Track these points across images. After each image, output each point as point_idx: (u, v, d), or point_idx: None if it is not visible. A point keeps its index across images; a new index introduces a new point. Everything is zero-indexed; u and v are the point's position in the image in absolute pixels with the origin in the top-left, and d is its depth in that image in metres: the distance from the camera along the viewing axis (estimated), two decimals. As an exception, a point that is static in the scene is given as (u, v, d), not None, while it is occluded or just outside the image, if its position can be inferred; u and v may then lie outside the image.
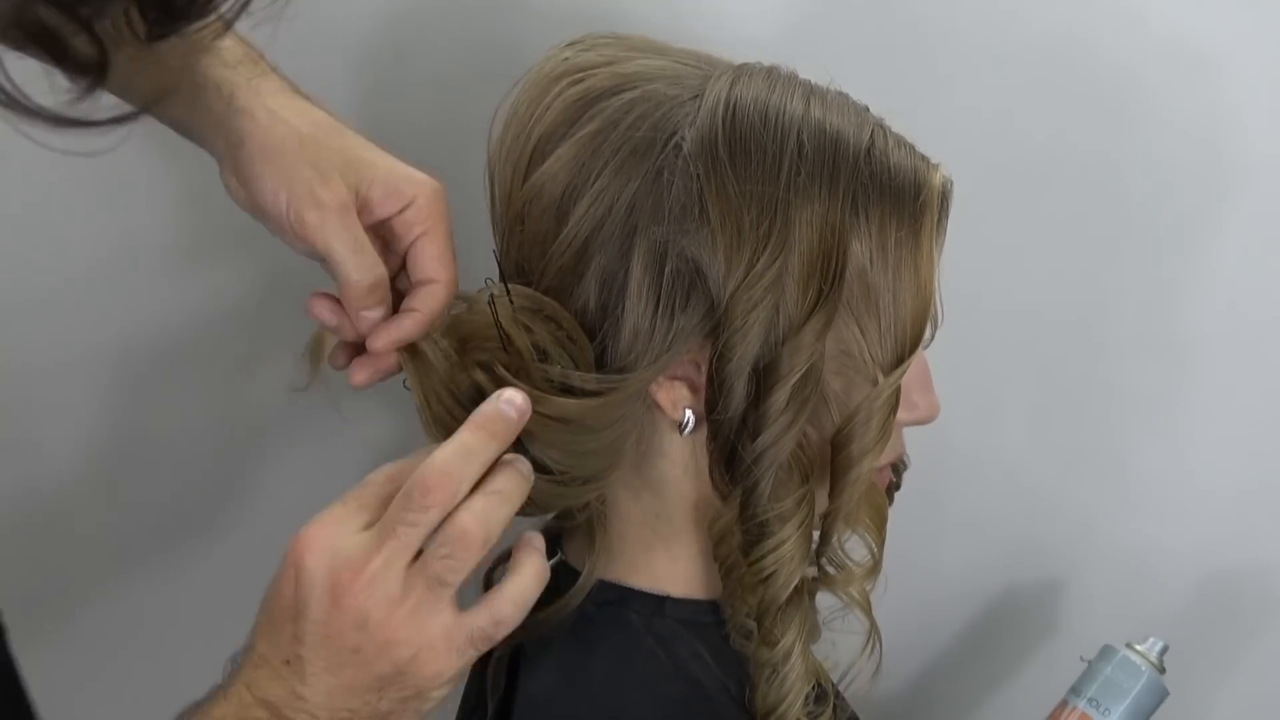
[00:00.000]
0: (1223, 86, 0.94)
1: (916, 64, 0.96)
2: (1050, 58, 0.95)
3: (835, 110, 0.68)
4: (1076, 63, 0.95)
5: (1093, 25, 0.94)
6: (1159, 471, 1.04)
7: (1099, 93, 0.96)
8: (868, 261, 0.67)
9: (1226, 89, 0.94)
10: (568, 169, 0.67)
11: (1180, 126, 0.96)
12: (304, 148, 0.66)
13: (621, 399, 0.66)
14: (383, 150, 0.69)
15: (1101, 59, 0.95)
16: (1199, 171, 0.97)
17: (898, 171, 0.68)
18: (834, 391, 0.68)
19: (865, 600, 0.72)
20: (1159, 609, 1.04)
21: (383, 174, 0.68)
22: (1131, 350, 1.02)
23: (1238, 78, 0.94)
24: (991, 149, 0.96)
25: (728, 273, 0.64)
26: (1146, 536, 1.05)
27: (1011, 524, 1.07)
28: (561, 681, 0.72)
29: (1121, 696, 0.87)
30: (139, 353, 0.98)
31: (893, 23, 0.95)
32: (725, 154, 0.65)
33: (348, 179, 0.67)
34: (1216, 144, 0.95)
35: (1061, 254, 1.00)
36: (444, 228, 0.69)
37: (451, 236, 0.69)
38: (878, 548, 0.72)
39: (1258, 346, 1.00)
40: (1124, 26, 0.94)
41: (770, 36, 0.75)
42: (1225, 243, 0.98)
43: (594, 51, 0.71)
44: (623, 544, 0.73)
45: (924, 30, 0.95)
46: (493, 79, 0.72)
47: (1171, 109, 0.95)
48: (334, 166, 0.66)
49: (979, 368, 0.99)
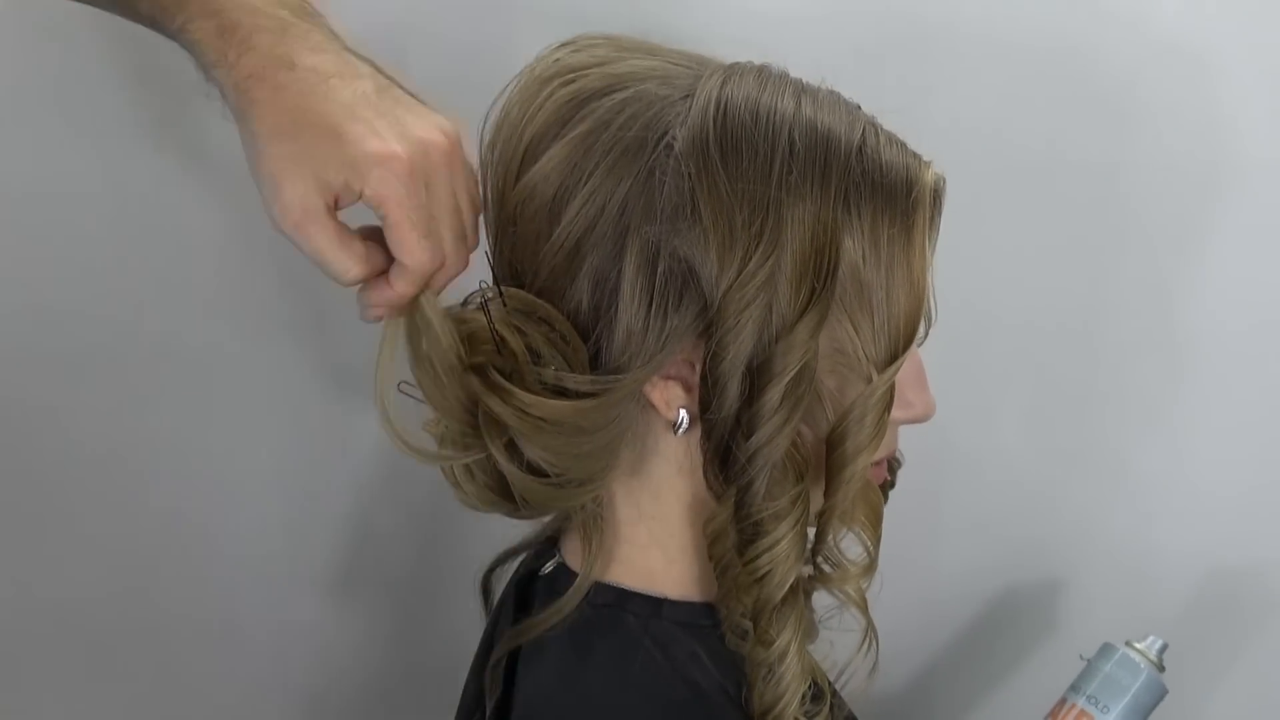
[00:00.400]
0: (1220, 89, 0.95)
1: (913, 65, 0.96)
2: (1048, 60, 0.95)
3: (826, 109, 0.68)
4: (1074, 65, 0.95)
5: (1089, 28, 0.95)
6: (1157, 471, 1.04)
7: (1096, 95, 0.96)
8: (860, 259, 0.66)
9: (1224, 91, 0.95)
10: (559, 170, 0.67)
11: (1177, 128, 0.96)
12: (279, 140, 0.62)
13: (615, 400, 0.66)
14: (368, 111, 0.63)
15: (1100, 62, 0.95)
16: (1197, 173, 0.97)
17: (889, 169, 0.67)
18: (828, 390, 0.68)
19: (861, 598, 0.72)
20: (1157, 608, 1.05)
21: (345, 157, 0.62)
22: (1130, 350, 1.02)
23: (1235, 80, 0.94)
24: (989, 150, 0.96)
25: (720, 272, 0.64)
26: (1145, 536, 1.05)
27: (1010, 523, 1.07)
28: (559, 683, 0.71)
29: (1121, 694, 0.87)
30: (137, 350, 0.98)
31: (888, 23, 0.96)
32: (717, 153, 0.65)
33: (317, 172, 0.62)
34: (1214, 146, 0.96)
35: (1061, 254, 1.00)
36: (398, 210, 0.62)
37: (418, 209, 0.63)
38: (873, 545, 0.72)
39: (1255, 347, 1.01)
40: (1121, 29, 0.94)
41: (763, 37, 0.75)
42: (1224, 243, 0.98)
43: (586, 52, 0.71)
44: (619, 545, 0.73)
45: (920, 31, 0.96)
46: (484, 80, 0.72)
47: (1169, 111, 0.96)
48: (308, 160, 0.62)
49: (978, 368, 0.99)
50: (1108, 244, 1.00)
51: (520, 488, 0.69)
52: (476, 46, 0.92)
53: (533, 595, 0.78)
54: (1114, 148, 0.97)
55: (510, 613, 0.79)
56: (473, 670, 0.80)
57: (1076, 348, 1.03)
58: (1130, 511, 1.05)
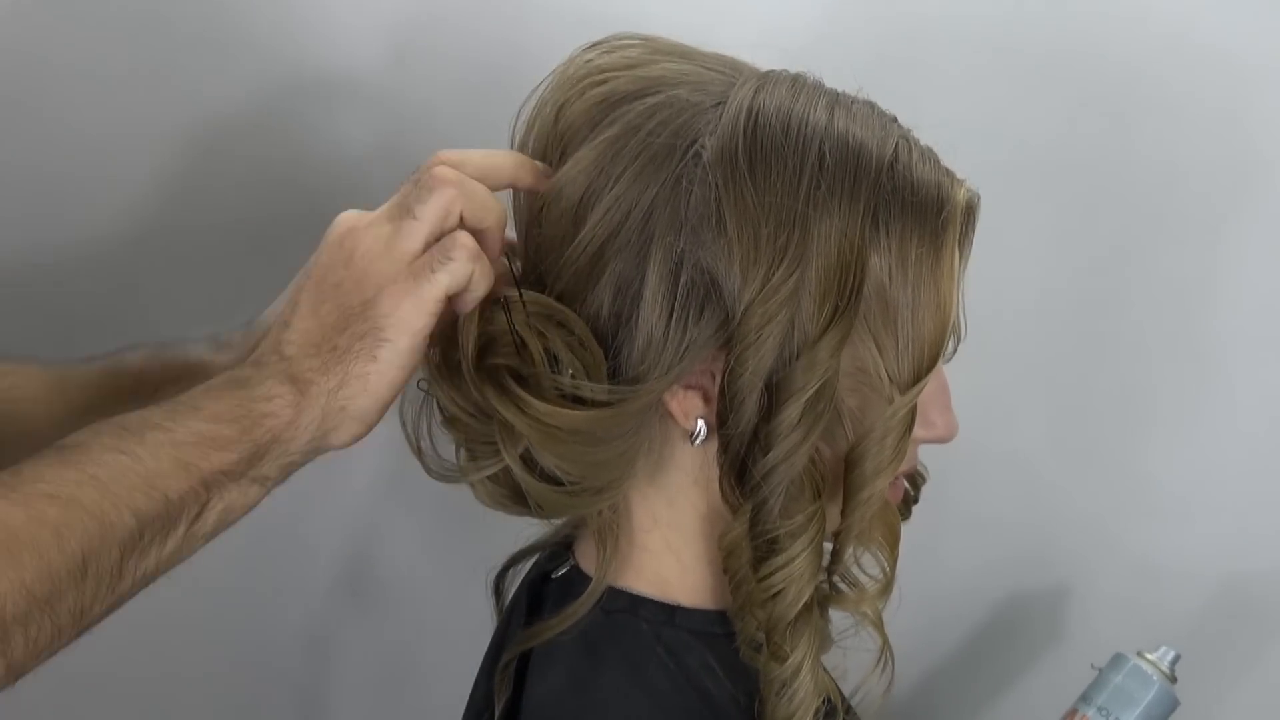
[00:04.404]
0: (1227, 85, 0.93)
1: (933, 66, 0.94)
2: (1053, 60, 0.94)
3: (859, 121, 0.67)
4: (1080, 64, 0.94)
5: (1096, 23, 0.93)
6: (1168, 476, 1.04)
7: (1102, 93, 0.95)
8: (886, 278, 0.65)
9: (1231, 88, 0.93)
10: (586, 173, 0.66)
11: (1189, 126, 0.95)
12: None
13: (633, 410, 0.66)
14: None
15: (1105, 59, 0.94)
16: (1205, 171, 0.96)
17: (921, 186, 0.66)
18: (849, 409, 0.67)
19: (878, 618, 0.72)
20: (1167, 616, 1.04)
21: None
22: (1142, 353, 1.02)
23: (1242, 76, 0.93)
24: (994, 150, 0.95)
25: (743, 285, 0.63)
26: (1157, 543, 1.05)
27: (1020, 529, 1.07)
28: (569, 688, 0.71)
29: (1132, 706, 0.86)
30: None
31: (903, 25, 0.94)
32: (745, 164, 0.64)
33: None
34: (1224, 143, 0.95)
35: (1073, 257, 1.00)
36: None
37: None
38: (890, 566, 0.72)
39: (1271, 350, 0.99)
40: (1127, 24, 0.93)
41: (799, 42, 0.74)
42: (1236, 243, 0.97)
43: (618, 54, 0.70)
44: (634, 551, 0.73)
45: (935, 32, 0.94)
46: (510, 80, 0.72)
47: (1180, 106, 0.94)
48: None
49: (989, 372, 0.98)
50: (1119, 245, 0.99)
51: (535, 496, 0.69)
52: (512, 45, 0.91)
53: (545, 598, 0.78)
54: (1120, 147, 0.96)
55: (522, 615, 0.79)
56: (482, 671, 0.80)
57: (1087, 351, 1.02)
58: (1140, 517, 1.04)
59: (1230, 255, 0.97)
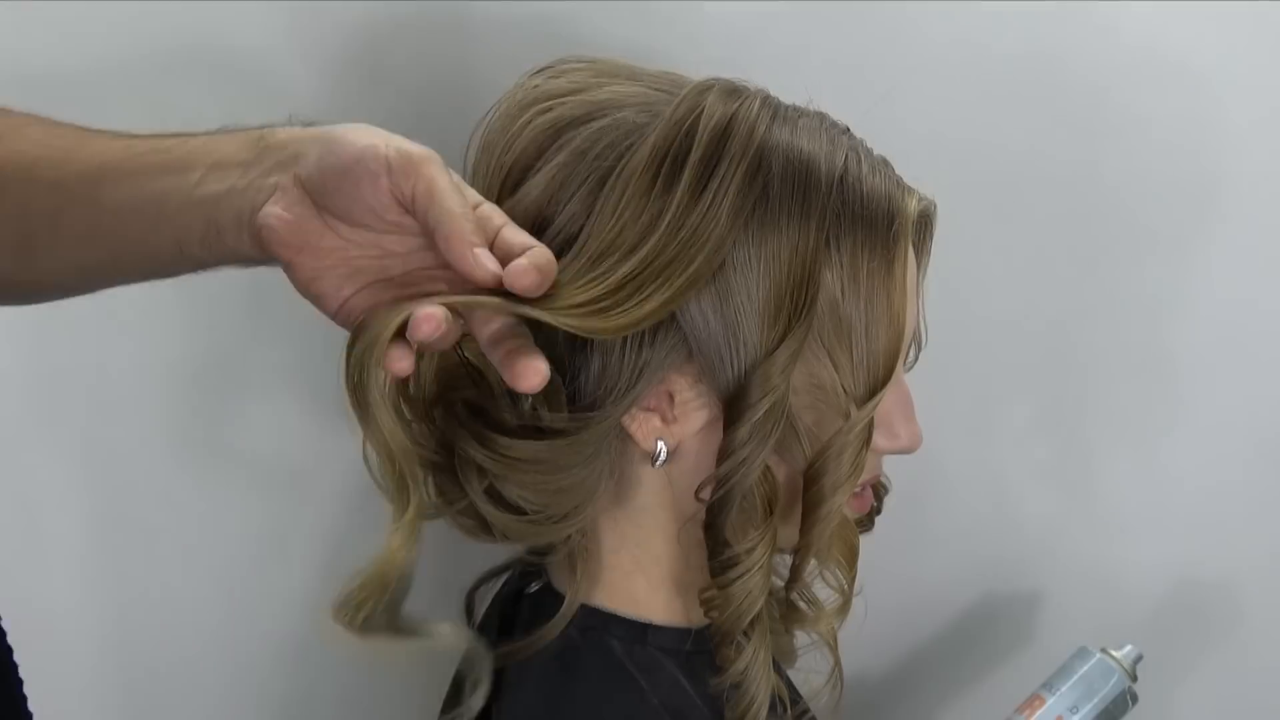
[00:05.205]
0: (1199, 97, 0.94)
1: (901, 79, 0.94)
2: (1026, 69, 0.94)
3: (806, 135, 0.67)
4: (1053, 74, 0.94)
5: (1066, 37, 0.94)
6: (1128, 485, 1.05)
7: (1074, 104, 0.95)
8: (839, 293, 0.65)
9: (1203, 100, 0.94)
10: (537, 201, 0.66)
11: (1157, 139, 0.95)
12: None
13: (592, 436, 0.66)
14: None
15: (1077, 70, 0.94)
16: (1176, 183, 0.96)
17: (871, 200, 0.66)
18: (805, 426, 0.67)
19: (833, 637, 0.72)
20: (1126, 620, 1.05)
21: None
22: (1102, 364, 1.02)
23: (1213, 88, 0.93)
24: (964, 160, 0.96)
25: (696, 305, 0.63)
26: (1113, 549, 1.06)
27: (986, 536, 1.07)
28: (542, 706, 0.72)
29: (1090, 696, 0.88)
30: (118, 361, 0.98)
31: (872, 39, 0.94)
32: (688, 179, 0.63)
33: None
34: (1194, 155, 0.95)
35: (1033, 266, 1.00)
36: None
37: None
38: (848, 585, 0.72)
39: (1225, 360, 1.00)
40: (1097, 38, 0.93)
41: (747, 56, 0.74)
42: (1201, 255, 0.98)
43: (565, 78, 0.70)
44: (604, 571, 0.73)
45: (905, 45, 0.94)
46: (469, 100, 0.71)
47: (1147, 121, 0.95)
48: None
49: (952, 381, 0.98)
50: (1082, 256, 0.99)
51: (500, 526, 0.69)
52: (460, 65, 0.90)
53: (517, 615, 0.78)
54: (1086, 161, 0.96)
55: (494, 632, 0.79)
56: (452, 688, 0.80)
57: (1049, 361, 1.02)
58: (1099, 524, 1.06)
59: (1195, 269, 0.98)
